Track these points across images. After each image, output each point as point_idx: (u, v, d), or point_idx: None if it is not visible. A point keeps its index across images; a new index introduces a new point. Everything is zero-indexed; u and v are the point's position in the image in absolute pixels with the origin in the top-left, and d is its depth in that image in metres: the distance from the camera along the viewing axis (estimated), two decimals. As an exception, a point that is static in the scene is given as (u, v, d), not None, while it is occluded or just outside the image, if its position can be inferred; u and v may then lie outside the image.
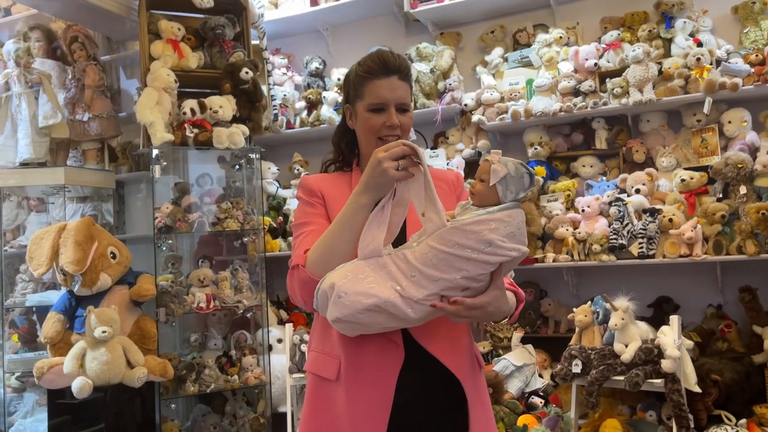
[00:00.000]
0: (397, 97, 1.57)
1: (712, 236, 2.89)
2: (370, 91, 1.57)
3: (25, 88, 3.69)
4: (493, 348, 3.28)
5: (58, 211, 3.78)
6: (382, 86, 1.56)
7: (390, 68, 1.58)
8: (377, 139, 1.57)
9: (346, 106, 1.65)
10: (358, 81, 1.61)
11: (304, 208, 1.61)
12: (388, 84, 1.57)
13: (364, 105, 1.58)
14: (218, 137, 3.42)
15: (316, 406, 1.54)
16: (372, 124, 1.57)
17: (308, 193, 1.62)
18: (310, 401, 1.57)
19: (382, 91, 1.56)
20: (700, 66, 3.10)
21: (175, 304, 3.32)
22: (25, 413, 3.69)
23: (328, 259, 1.41)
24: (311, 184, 1.63)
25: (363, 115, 1.59)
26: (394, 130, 1.57)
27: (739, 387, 2.68)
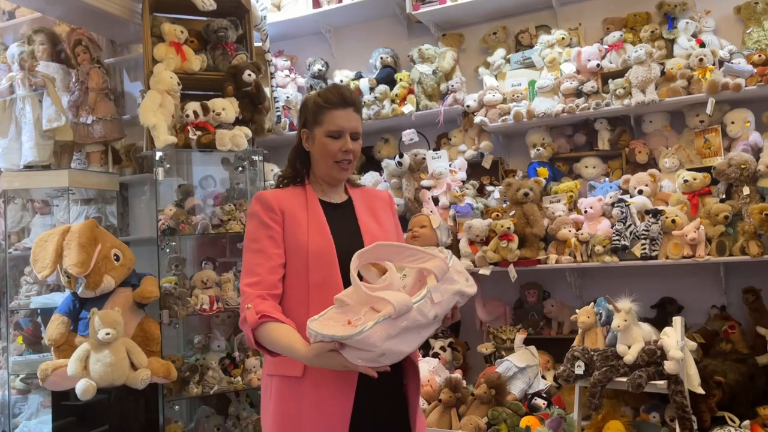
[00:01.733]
0: (352, 127, 1.80)
1: (715, 237, 2.88)
2: (328, 119, 1.79)
3: (29, 91, 3.70)
4: (496, 349, 3.28)
5: (62, 213, 3.79)
6: (339, 116, 1.79)
7: (347, 101, 1.80)
8: (333, 162, 1.81)
9: (304, 131, 1.84)
10: (317, 109, 1.81)
11: (258, 226, 1.77)
12: (345, 115, 1.79)
13: (322, 131, 1.80)
14: (221, 139, 3.42)
15: (284, 403, 1.70)
16: (330, 149, 1.80)
17: (267, 209, 1.78)
18: (277, 401, 1.72)
19: (339, 120, 1.79)
20: (703, 66, 3.10)
21: (179, 306, 3.33)
22: (29, 415, 3.70)
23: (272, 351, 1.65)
24: (270, 201, 1.79)
25: (321, 140, 1.80)
26: (348, 155, 1.81)
27: (742, 388, 2.67)
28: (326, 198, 1.88)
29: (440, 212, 3.40)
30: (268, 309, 1.67)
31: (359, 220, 1.86)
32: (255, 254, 1.75)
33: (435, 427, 2.85)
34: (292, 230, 1.77)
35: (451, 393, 2.89)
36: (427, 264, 1.57)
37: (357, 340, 1.43)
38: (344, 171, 1.83)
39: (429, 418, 2.90)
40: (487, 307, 3.51)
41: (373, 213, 1.91)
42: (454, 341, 3.50)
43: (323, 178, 1.86)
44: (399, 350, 1.49)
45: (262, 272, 1.72)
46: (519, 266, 3.20)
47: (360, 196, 1.94)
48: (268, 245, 1.75)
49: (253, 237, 1.77)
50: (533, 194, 3.23)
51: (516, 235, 3.19)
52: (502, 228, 3.18)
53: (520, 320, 3.41)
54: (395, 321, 1.46)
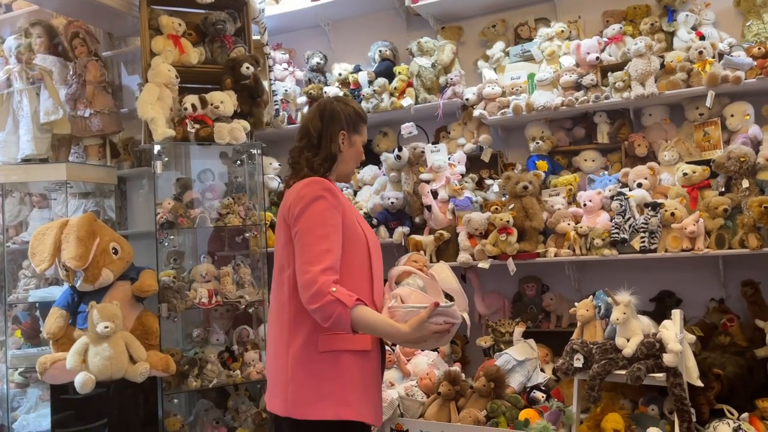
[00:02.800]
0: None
1: (714, 230, 2.88)
2: (364, 132, 2.15)
3: (26, 84, 3.68)
4: (495, 343, 3.28)
5: (60, 207, 3.78)
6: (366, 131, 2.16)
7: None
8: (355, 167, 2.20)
9: (343, 133, 2.06)
10: (359, 120, 2.11)
11: (324, 210, 1.90)
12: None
13: (360, 140, 2.13)
14: (219, 133, 3.42)
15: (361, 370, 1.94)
16: (360, 155, 2.15)
17: (332, 195, 1.93)
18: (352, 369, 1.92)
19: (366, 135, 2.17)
20: (703, 59, 3.09)
21: (178, 300, 3.32)
22: (28, 408, 3.71)
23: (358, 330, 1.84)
24: (333, 188, 1.96)
25: (358, 147, 2.12)
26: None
27: (741, 381, 2.68)
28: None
29: (439, 205, 3.40)
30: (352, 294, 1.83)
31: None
32: (323, 239, 1.87)
33: (434, 419, 2.86)
34: (350, 219, 1.97)
35: (450, 386, 2.89)
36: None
37: (450, 310, 1.87)
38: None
39: (428, 411, 2.91)
40: (486, 300, 3.51)
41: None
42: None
43: (341, 176, 2.12)
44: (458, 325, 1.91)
45: (332, 259, 1.86)
46: (518, 259, 3.20)
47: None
48: (333, 231, 1.89)
49: (320, 221, 1.89)
50: (532, 187, 3.23)
51: (515, 229, 3.19)
52: (501, 221, 3.18)
53: (519, 313, 3.41)
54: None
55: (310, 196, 1.90)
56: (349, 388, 1.91)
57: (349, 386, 1.92)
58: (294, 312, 1.93)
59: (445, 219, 3.40)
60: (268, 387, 2.06)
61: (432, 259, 3.37)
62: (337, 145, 2.05)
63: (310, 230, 1.88)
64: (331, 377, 1.90)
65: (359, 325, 1.81)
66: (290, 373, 1.92)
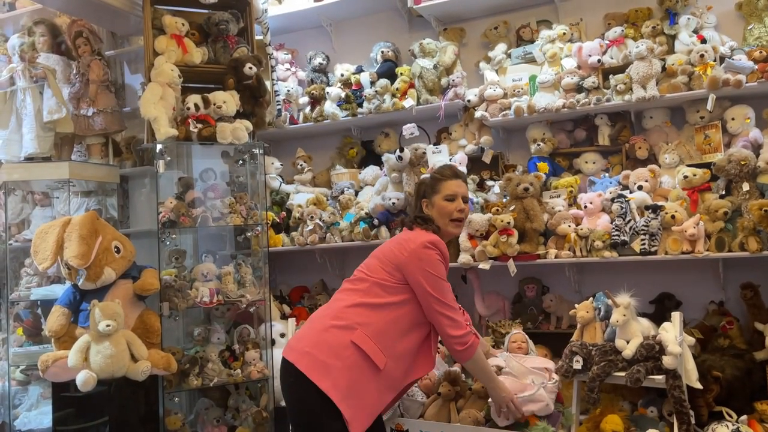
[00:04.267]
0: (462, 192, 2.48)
1: (714, 233, 2.89)
2: (444, 188, 2.47)
3: (29, 82, 3.69)
4: (495, 344, 3.28)
5: (62, 205, 3.79)
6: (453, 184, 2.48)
7: (457, 174, 2.53)
8: (449, 220, 2.45)
9: (425, 201, 2.50)
10: (435, 182, 2.49)
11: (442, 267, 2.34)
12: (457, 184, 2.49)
13: (439, 198, 2.46)
14: (222, 132, 3.43)
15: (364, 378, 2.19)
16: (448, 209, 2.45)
17: (445, 258, 2.36)
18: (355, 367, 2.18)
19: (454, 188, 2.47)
20: (704, 62, 3.10)
21: (179, 299, 3.33)
22: (29, 406, 3.72)
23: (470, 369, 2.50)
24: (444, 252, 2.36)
25: (440, 205, 2.46)
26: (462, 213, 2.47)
27: (740, 383, 2.68)
28: None
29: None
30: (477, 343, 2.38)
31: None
32: (448, 292, 2.33)
33: (434, 420, 2.86)
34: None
35: (450, 386, 2.90)
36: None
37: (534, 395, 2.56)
38: (458, 227, 2.47)
39: (428, 412, 2.91)
40: (486, 301, 3.52)
41: None
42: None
43: (443, 234, 2.42)
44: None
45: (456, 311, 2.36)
46: (518, 261, 3.21)
47: None
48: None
49: (442, 275, 2.33)
50: (533, 189, 3.24)
51: (516, 230, 3.20)
52: (502, 222, 3.19)
53: (519, 314, 3.42)
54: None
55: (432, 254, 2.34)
56: (348, 381, 2.15)
57: (350, 380, 2.16)
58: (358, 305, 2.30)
59: (446, 220, 3.41)
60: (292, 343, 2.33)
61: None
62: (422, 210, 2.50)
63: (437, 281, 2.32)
64: (343, 364, 2.17)
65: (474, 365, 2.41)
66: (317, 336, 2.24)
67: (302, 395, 2.19)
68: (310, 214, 3.68)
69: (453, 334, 2.30)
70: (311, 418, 2.19)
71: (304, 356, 2.20)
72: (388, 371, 2.24)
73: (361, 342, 2.20)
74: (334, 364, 2.17)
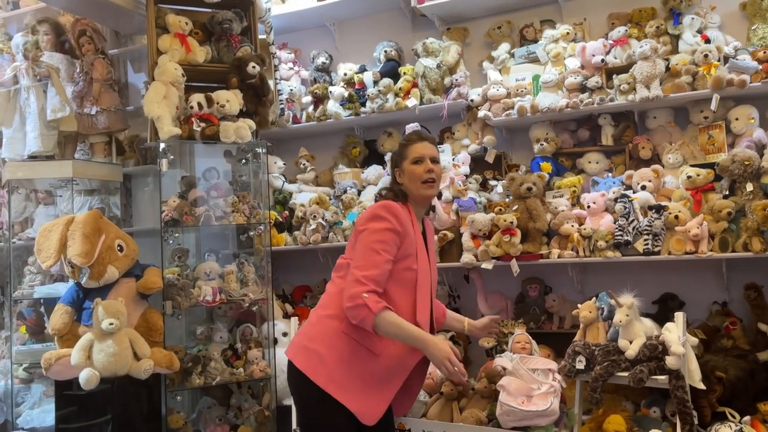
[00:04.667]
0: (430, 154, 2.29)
1: (718, 233, 2.88)
2: (410, 152, 2.29)
3: (33, 81, 3.70)
4: (498, 343, 3.28)
5: (66, 203, 3.80)
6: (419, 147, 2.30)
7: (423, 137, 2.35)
8: (421, 183, 2.26)
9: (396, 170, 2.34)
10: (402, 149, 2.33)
11: (385, 229, 2.15)
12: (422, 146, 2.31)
13: (407, 162, 2.29)
14: (225, 131, 3.43)
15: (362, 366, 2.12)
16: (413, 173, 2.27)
17: (398, 222, 2.16)
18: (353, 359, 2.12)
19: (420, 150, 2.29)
20: (708, 62, 3.09)
21: (182, 297, 3.34)
22: (32, 404, 3.73)
23: (383, 335, 2.11)
24: (400, 216, 2.17)
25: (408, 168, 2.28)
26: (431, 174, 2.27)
27: (743, 384, 2.68)
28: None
29: (443, 206, 3.41)
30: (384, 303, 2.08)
31: (429, 254, 2.32)
32: (375, 253, 2.12)
33: (436, 419, 2.87)
34: (407, 247, 2.18)
35: (453, 386, 2.90)
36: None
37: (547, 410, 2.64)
38: (430, 187, 2.27)
39: (430, 411, 2.92)
40: (488, 301, 3.52)
41: (431, 245, 2.38)
42: (455, 334, 3.51)
43: (416, 199, 2.29)
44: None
45: (378, 273, 2.09)
46: (521, 261, 3.21)
47: (426, 228, 2.39)
48: (387, 249, 2.13)
49: (379, 237, 2.14)
50: (536, 189, 3.23)
51: (519, 230, 3.20)
52: (505, 222, 3.19)
53: (522, 314, 3.42)
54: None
55: (376, 215, 2.18)
56: (347, 374, 2.11)
57: (347, 372, 2.11)
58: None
59: (449, 219, 3.41)
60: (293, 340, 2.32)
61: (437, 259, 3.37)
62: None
63: (366, 242, 2.15)
64: (336, 356, 2.12)
65: (386, 327, 2.07)
66: (311, 330, 2.22)
67: (302, 393, 2.18)
68: (312, 214, 3.68)
69: (348, 291, 2.09)
70: (312, 417, 2.16)
71: (300, 351, 2.19)
72: (388, 353, 2.15)
73: (350, 330, 2.13)
74: (328, 355, 2.13)
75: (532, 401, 2.64)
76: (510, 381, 2.68)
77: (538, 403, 2.62)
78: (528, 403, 2.63)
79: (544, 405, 2.60)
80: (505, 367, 2.78)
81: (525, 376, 2.70)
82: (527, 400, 2.64)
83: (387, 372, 2.16)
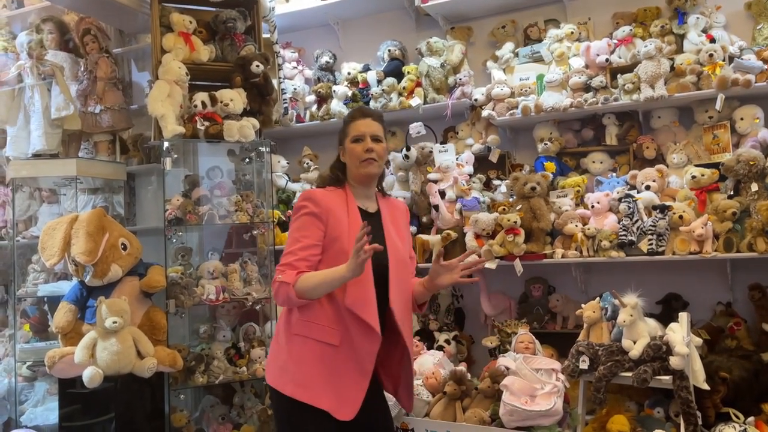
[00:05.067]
0: (371, 131, 2.18)
1: (722, 233, 2.88)
2: (351, 130, 2.20)
3: (37, 79, 3.70)
4: (501, 343, 3.28)
5: (69, 202, 3.80)
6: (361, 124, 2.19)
7: (365, 113, 2.22)
8: (360, 162, 2.15)
9: (339, 147, 2.24)
10: (343, 125, 2.23)
11: (305, 219, 2.09)
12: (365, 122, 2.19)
13: (348, 140, 2.19)
14: (229, 130, 3.43)
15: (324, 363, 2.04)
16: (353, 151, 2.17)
17: (316, 206, 2.09)
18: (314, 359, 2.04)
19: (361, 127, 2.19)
20: (713, 62, 3.08)
21: (185, 296, 3.34)
22: (36, 402, 3.73)
23: (312, 297, 2.03)
24: (320, 200, 2.11)
25: (349, 146, 2.18)
26: (371, 153, 2.15)
27: (747, 385, 2.67)
28: (361, 204, 2.20)
29: (447, 205, 3.41)
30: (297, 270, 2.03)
31: (385, 231, 2.18)
32: (293, 241, 2.08)
33: (439, 419, 2.86)
34: (335, 231, 2.08)
35: (456, 386, 2.90)
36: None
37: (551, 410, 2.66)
38: (369, 165, 2.15)
39: (433, 411, 2.92)
40: (492, 300, 3.51)
41: (396, 225, 2.25)
42: (458, 334, 3.51)
43: (357, 179, 2.19)
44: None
45: (294, 259, 2.04)
46: (525, 260, 3.20)
47: (386, 208, 2.27)
48: (306, 234, 2.07)
49: (298, 226, 2.10)
50: (540, 188, 3.23)
51: (522, 230, 3.19)
52: (509, 222, 3.18)
53: (525, 314, 3.41)
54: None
55: (296, 207, 2.15)
56: (309, 373, 2.05)
57: (309, 371, 2.05)
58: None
59: (453, 219, 3.41)
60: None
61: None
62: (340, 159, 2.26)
63: (290, 235, 2.13)
64: (296, 359, 2.08)
65: (308, 288, 2.00)
66: (274, 345, 2.19)
67: (277, 408, 2.13)
68: (316, 213, 3.67)
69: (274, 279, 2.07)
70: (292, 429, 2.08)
71: (268, 369, 2.17)
72: (345, 341, 2.05)
73: (301, 330, 2.07)
74: (288, 361, 2.08)
75: (536, 401, 2.64)
76: (513, 381, 2.68)
77: (541, 403, 2.62)
78: (531, 403, 2.63)
79: (548, 405, 2.60)
80: (509, 366, 2.78)
81: (528, 375, 2.70)
82: (530, 400, 2.64)
83: (350, 361, 2.05)
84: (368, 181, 2.22)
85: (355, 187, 2.22)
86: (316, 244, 2.07)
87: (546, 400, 2.62)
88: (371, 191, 2.25)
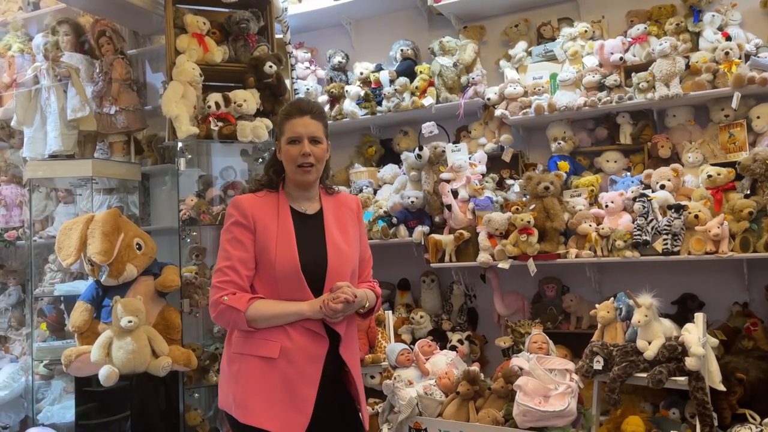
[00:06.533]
0: (309, 132, 2.02)
1: (738, 233, 2.85)
2: (287, 128, 2.04)
3: (53, 81, 3.74)
4: (514, 343, 3.27)
5: (85, 202, 3.84)
6: (297, 123, 2.03)
7: (303, 110, 2.04)
8: (296, 166, 2.03)
9: (276, 143, 2.10)
10: (280, 122, 2.08)
11: (233, 229, 2.02)
12: (302, 122, 2.03)
13: (284, 139, 2.04)
14: (242, 130, 3.44)
15: (263, 378, 1.95)
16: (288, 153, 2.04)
17: (242, 215, 2.02)
18: (252, 377, 1.96)
19: (297, 127, 2.03)
20: (729, 60, 3.06)
21: (199, 295, 3.36)
22: (52, 400, 3.78)
23: (260, 327, 1.96)
24: (245, 208, 2.02)
25: (284, 147, 2.04)
26: (307, 158, 2.01)
27: (764, 386, 2.65)
28: (298, 207, 2.09)
29: (459, 205, 3.40)
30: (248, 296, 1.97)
31: (326, 233, 2.07)
32: (223, 252, 2.01)
33: (453, 419, 2.86)
34: (263, 240, 2.00)
35: (469, 386, 2.89)
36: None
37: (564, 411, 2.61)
38: (306, 173, 2.03)
39: (446, 411, 2.91)
40: (505, 300, 3.51)
41: (341, 224, 2.13)
42: (471, 334, 3.50)
43: (293, 182, 2.08)
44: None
45: (231, 271, 1.98)
46: (538, 260, 3.19)
47: (332, 206, 2.15)
48: (235, 245, 2.00)
49: (228, 238, 2.02)
50: (554, 188, 3.22)
51: (536, 229, 3.18)
52: (522, 221, 3.17)
53: (539, 314, 3.40)
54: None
55: (226, 215, 2.06)
56: (247, 392, 1.96)
57: (246, 390, 1.96)
58: None
59: (465, 218, 3.40)
60: None
61: (451, 258, 3.37)
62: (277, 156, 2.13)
63: (221, 245, 2.05)
64: (235, 378, 2.00)
65: (260, 318, 1.95)
66: (222, 365, 2.11)
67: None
68: (329, 213, 3.68)
69: (210, 301, 2.01)
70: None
71: (219, 392, 2.08)
72: (284, 354, 1.95)
73: (240, 348, 2.00)
74: (231, 383, 2.00)
75: (549, 402, 2.63)
76: (527, 381, 2.67)
77: (555, 403, 2.61)
78: (545, 403, 2.62)
79: (561, 405, 2.59)
80: (522, 367, 2.77)
81: (542, 376, 2.69)
82: (544, 401, 2.63)
83: (291, 373, 1.95)
84: (306, 187, 2.10)
85: (292, 189, 2.10)
86: (248, 255, 1.99)
87: (560, 401, 2.61)
88: (312, 192, 2.12)
